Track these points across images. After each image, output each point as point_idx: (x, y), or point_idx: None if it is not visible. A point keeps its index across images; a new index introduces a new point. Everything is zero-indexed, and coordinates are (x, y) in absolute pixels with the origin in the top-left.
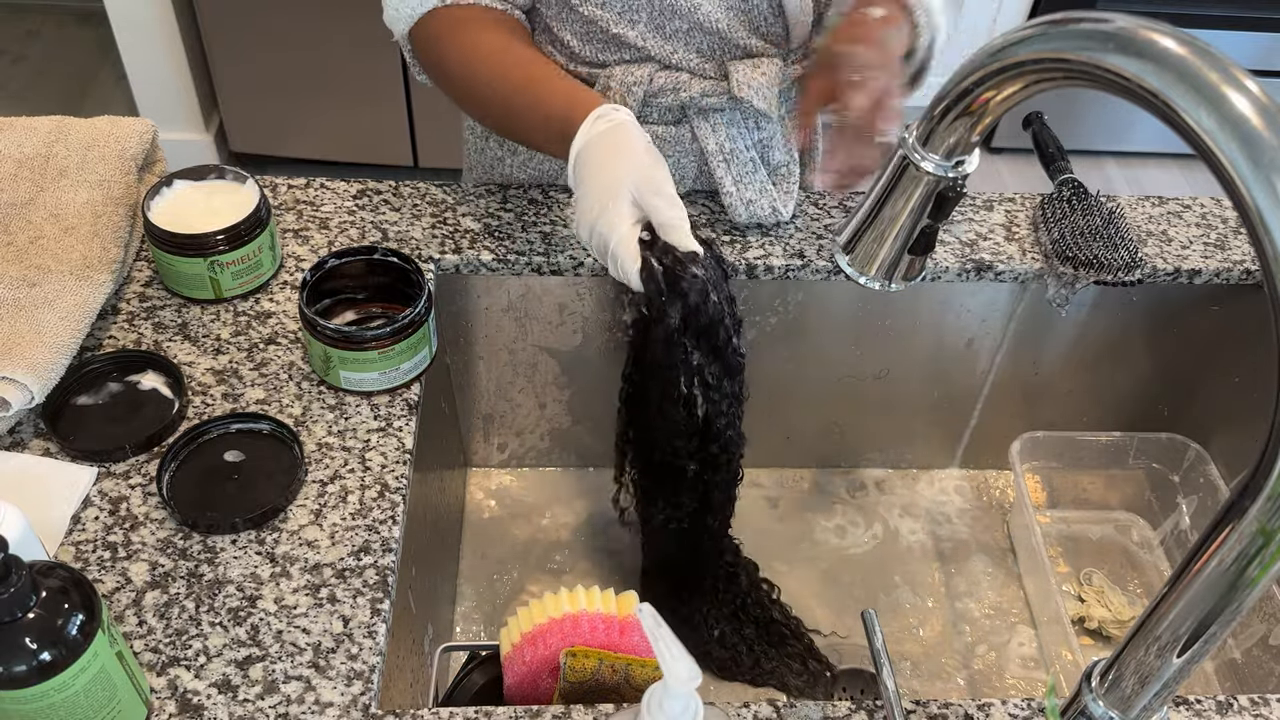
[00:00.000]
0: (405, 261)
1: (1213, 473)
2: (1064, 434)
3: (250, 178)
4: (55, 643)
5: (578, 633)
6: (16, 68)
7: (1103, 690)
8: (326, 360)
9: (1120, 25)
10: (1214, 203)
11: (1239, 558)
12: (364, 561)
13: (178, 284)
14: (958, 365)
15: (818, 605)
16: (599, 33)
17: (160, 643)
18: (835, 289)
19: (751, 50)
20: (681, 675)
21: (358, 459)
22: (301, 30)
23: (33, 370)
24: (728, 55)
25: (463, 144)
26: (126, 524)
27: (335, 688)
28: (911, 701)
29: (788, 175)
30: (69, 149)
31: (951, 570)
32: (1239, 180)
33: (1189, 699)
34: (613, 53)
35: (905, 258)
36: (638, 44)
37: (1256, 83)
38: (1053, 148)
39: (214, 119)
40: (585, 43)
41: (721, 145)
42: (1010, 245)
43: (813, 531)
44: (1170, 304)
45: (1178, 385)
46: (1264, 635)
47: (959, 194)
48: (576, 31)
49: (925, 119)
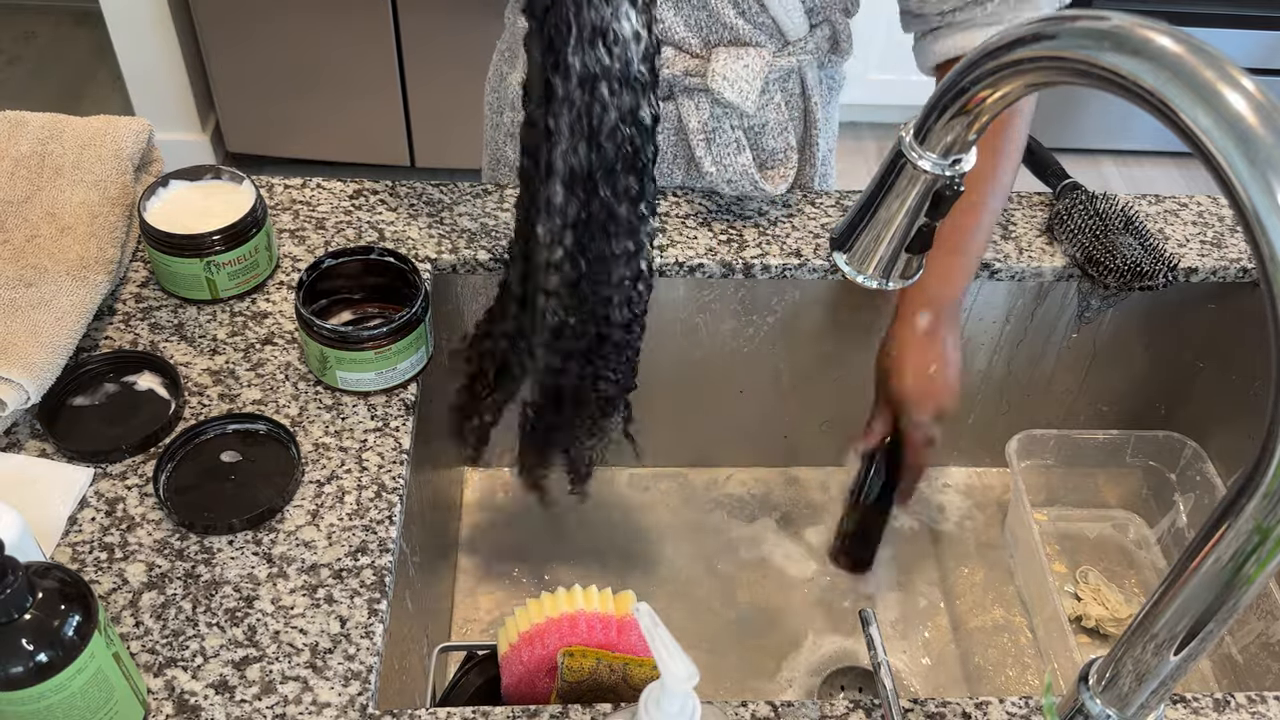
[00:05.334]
0: (402, 261)
1: (1209, 471)
2: (1061, 432)
3: (246, 178)
4: (52, 644)
5: (575, 632)
6: (13, 68)
7: (1100, 688)
8: (323, 360)
9: (1117, 23)
10: (1210, 201)
11: (1236, 555)
12: (361, 562)
13: (174, 284)
14: None
15: (816, 604)
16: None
17: (157, 643)
18: (832, 288)
19: (740, 35)
20: (679, 674)
21: (355, 459)
22: (298, 30)
23: (29, 371)
24: (713, 36)
25: (485, 145)
26: (123, 525)
27: (333, 688)
28: (909, 700)
29: (784, 160)
30: (64, 147)
31: (949, 568)
32: (1235, 179)
33: (1186, 696)
34: None
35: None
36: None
37: (1253, 81)
38: (1040, 153)
39: (210, 119)
40: None
41: (704, 124)
42: (1007, 244)
43: (811, 530)
44: (1167, 302)
45: (1174, 383)
46: (1261, 633)
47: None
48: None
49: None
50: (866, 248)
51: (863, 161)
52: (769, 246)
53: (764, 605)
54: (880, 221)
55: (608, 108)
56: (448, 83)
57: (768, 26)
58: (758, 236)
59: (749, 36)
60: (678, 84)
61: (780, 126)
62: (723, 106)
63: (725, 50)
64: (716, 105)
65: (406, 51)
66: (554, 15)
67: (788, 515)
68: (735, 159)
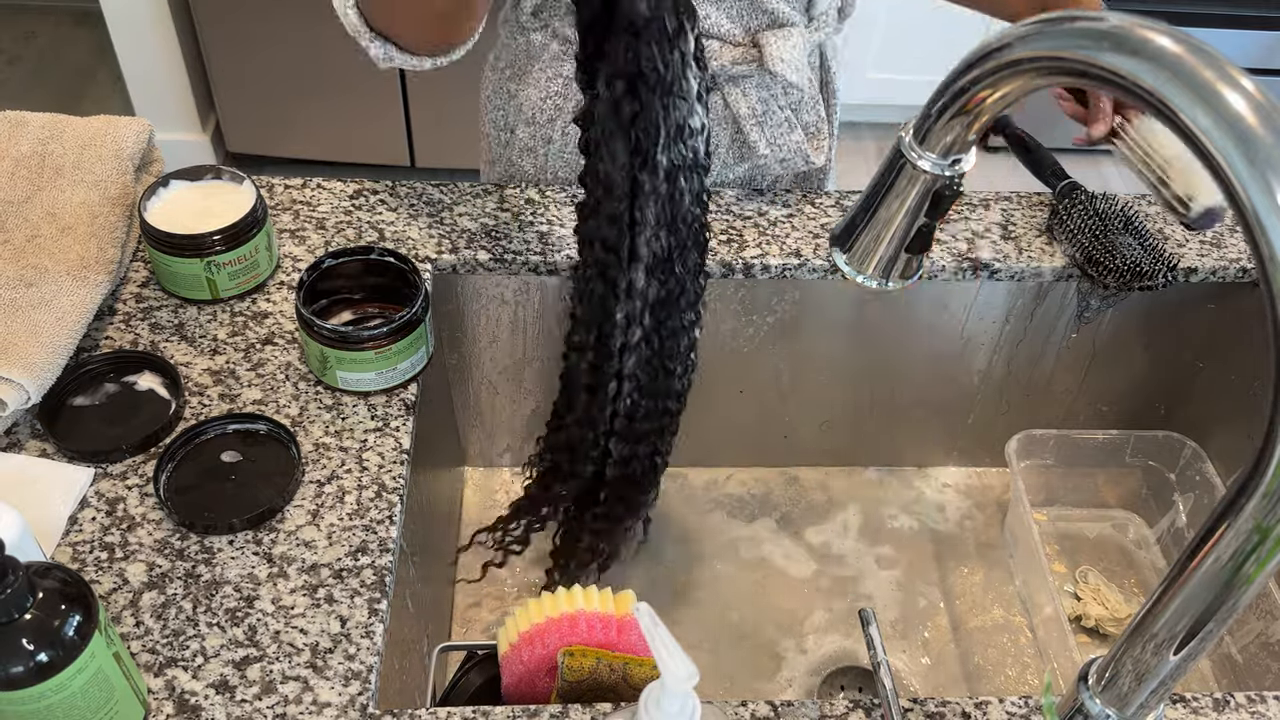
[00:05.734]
0: (402, 261)
1: (1209, 470)
2: (1061, 432)
3: (247, 178)
4: (52, 644)
5: (575, 632)
6: (13, 69)
7: (1099, 688)
8: (324, 360)
9: (1116, 24)
10: None
11: (1235, 555)
12: (361, 562)
13: (174, 284)
14: (954, 363)
15: (815, 604)
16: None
17: (157, 643)
18: (832, 288)
19: (778, 17)
20: (679, 674)
21: (355, 459)
22: (298, 30)
23: (29, 371)
24: (754, 22)
25: (482, 139)
26: (123, 525)
27: (333, 688)
28: (909, 699)
29: (818, 132)
30: (64, 147)
31: (948, 568)
32: (1235, 179)
33: (1186, 696)
34: None
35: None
36: None
37: (1253, 81)
38: (1040, 153)
39: (210, 119)
40: None
41: (754, 109)
42: (1007, 244)
43: (809, 530)
44: (1167, 302)
45: (1174, 383)
46: (1261, 633)
47: (956, 192)
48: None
49: (922, 117)
50: (866, 248)
51: (863, 161)
52: (769, 246)
53: (764, 605)
54: (880, 221)
55: (684, 194)
56: (448, 83)
57: (800, 3)
58: (758, 236)
59: (785, 17)
60: (723, 74)
61: (813, 100)
62: (768, 90)
63: (771, 34)
64: (762, 88)
65: None
66: (643, 119)
67: (788, 515)
68: (789, 137)
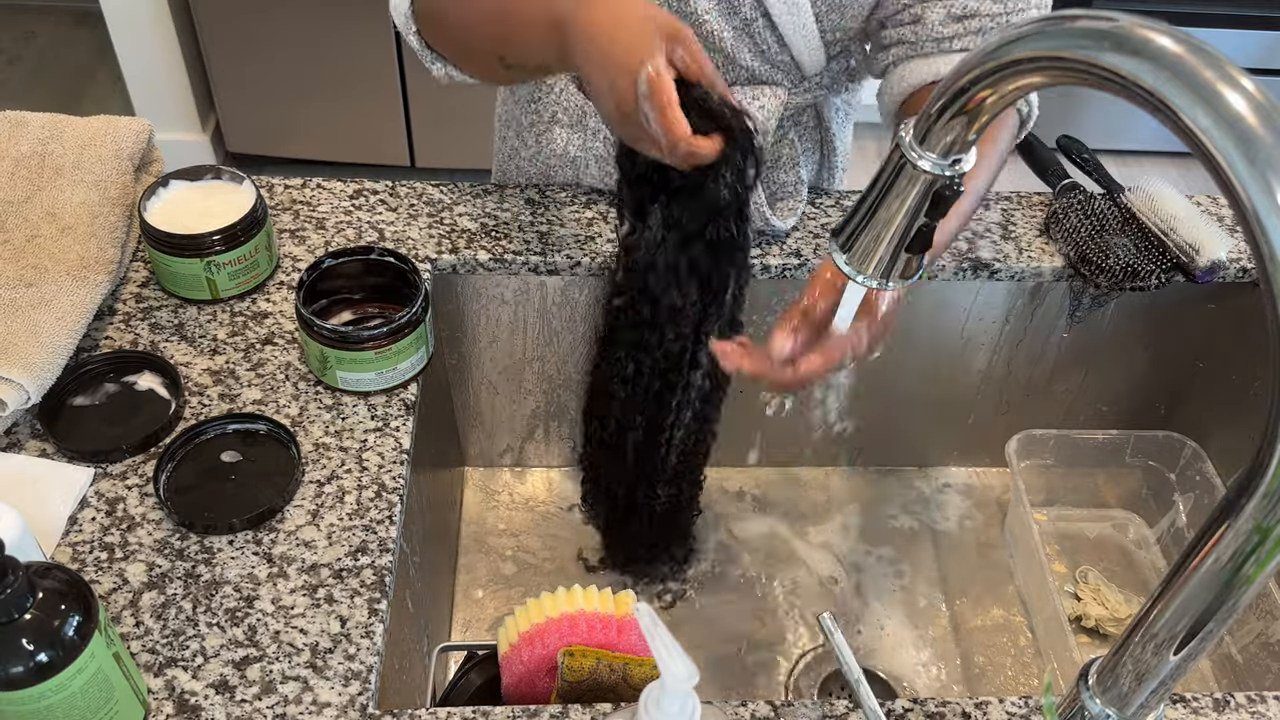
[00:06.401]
0: (402, 261)
1: (1209, 470)
2: (1061, 432)
3: (247, 178)
4: (52, 644)
5: (575, 632)
6: (13, 69)
7: (1100, 688)
8: (323, 360)
9: (1117, 23)
10: (1210, 201)
11: (1235, 555)
12: (361, 562)
13: (174, 284)
14: (954, 363)
15: (816, 603)
16: None
17: (157, 643)
18: None
19: (759, 76)
20: (679, 674)
21: (355, 459)
22: (298, 31)
23: (29, 371)
24: (731, 77)
25: (496, 135)
26: (123, 525)
27: (333, 688)
28: (909, 699)
29: (794, 193)
30: (64, 147)
31: (949, 568)
32: (1235, 179)
33: (1186, 696)
34: None
35: (902, 256)
36: None
37: (1253, 81)
38: (1040, 153)
39: (210, 119)
40: None
41: None
42: (1007, 244)
43: (810, 530)
44: (1167, 302)
45: (1174, 383)
46: (1261, 633)
47: (956, 192)
48: None
49: (922, 117)
50: (866, 248)
51: (863, 161)
52: (769, 246)
53: (764, 605)
54: (880, 221)
55: (742, 303)
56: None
57: (785, 65)
58: (757, 236)
59: (766, 76)
60: None
61: (791, 161)
62: None
63: (742, 90)
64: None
65: (406, 52)
66: (706, 267)
67: (788, 515)
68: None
